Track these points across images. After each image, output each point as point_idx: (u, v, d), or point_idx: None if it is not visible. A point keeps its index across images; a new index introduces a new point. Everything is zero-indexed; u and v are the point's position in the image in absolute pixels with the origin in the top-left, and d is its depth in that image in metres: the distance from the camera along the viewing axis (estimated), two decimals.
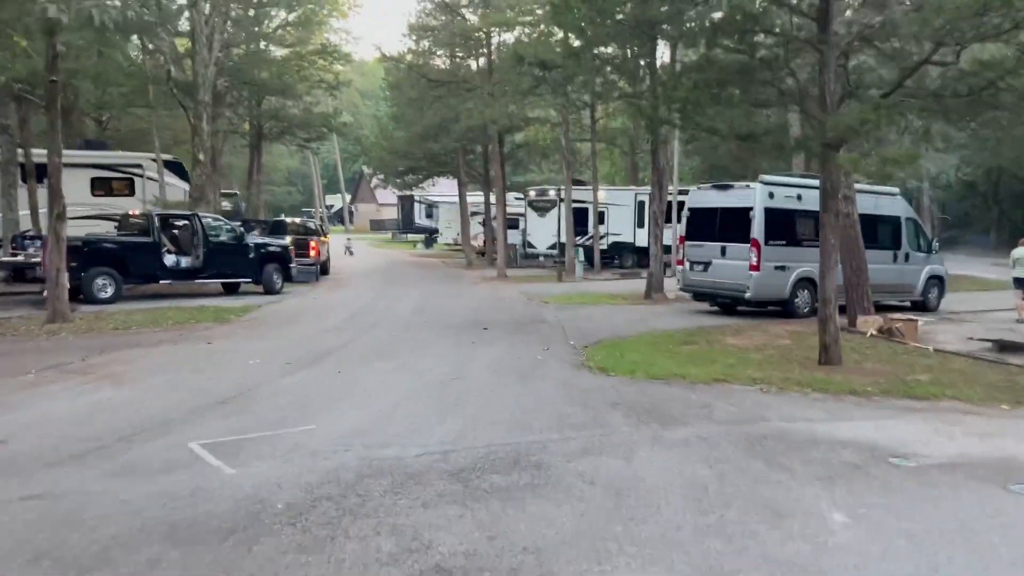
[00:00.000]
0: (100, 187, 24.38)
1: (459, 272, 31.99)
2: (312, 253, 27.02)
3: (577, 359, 11.42)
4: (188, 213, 21.18)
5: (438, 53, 34.07)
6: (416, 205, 51.98)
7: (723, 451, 6.75)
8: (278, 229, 29.03)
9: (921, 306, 18.45)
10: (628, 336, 13.89)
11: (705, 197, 17.86)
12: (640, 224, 34.91)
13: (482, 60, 31.22)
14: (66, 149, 16.22)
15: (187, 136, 26.51)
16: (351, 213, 68.65)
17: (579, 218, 31.38)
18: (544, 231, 34.10)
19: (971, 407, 8.61)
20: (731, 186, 17.44)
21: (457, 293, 22.83)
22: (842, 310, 16.33)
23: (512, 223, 39.20)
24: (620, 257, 34.54)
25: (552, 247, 33.71)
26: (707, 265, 17.45)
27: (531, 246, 35.12)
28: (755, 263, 16.48)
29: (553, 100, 28.99)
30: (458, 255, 39.05)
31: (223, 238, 21.36)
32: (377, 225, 63.86)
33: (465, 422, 7.63)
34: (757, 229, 16.47)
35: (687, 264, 18.03)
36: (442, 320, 15.86)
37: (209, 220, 21.32)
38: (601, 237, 32.57)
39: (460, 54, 33.35)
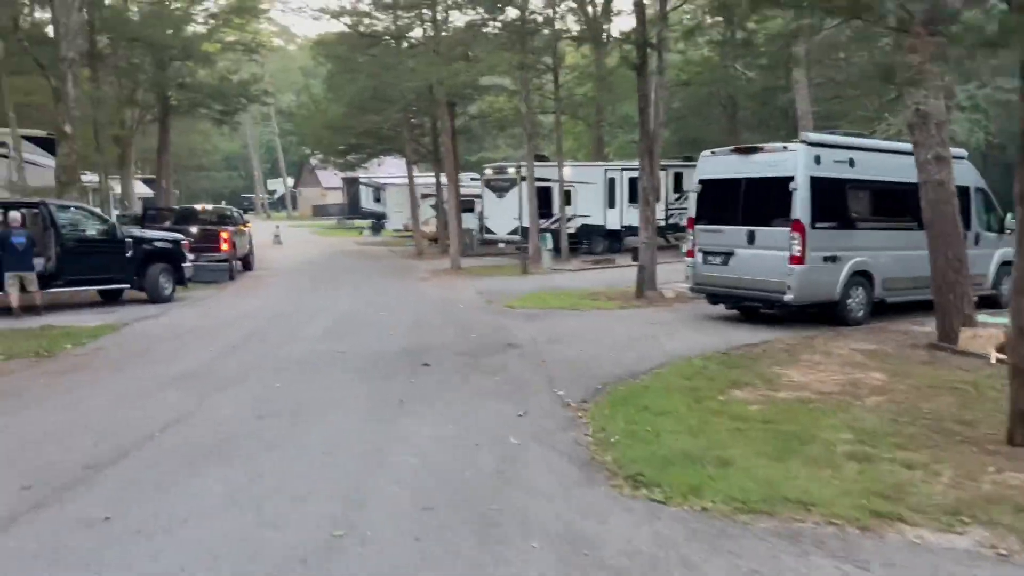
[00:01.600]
0: None
1: (407, 264, 26.72)
2: (223, 247, 21.56)
3: (579, 440, 6.31)
4: (35, 201, 15.61)
5: (378, 16, 28.57)
6: (362, 188, 46.34)
7: None
8: (185, 218, 23.49)
9: (993, 301, 13.73)
10: (642, 372, 8.86)
11: (723, 165, 12.86)
12: (611, 204, 29.97)
13: (426, 16, 25.80)
14: None
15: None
16: (294, 198, 62.60)
17: (543, 199, 26.32)
18: (503, 214, 28.94)
19: None
20: (759, 149, 12.46)
21: (399, 295, 17.61)
22: (915, 308, 11.95)
23: (467, 206, 33.99)
24: (590, 242, 29.54)
25: (513, 232, 28.60)
26: (727, 256, 12.52)
27: (489, 231, 29.94)
28: (799, 253, 11.58)
29: (510, 61, 23.81)
30: (408, 242, 33.69)
31: (88, 233, 15.87)
32: (321, 210, 57.79)
33: None
34: (801, 207, 11.57)
35: (698, 256, 13.09)
36: (364, 349, 10.60)
37: (69, 211, 15.80)
38: (568, 219, 27.57)
39: (404, 16, 27.95)
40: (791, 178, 11.63)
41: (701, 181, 13.10)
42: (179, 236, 17.62)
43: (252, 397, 7.90)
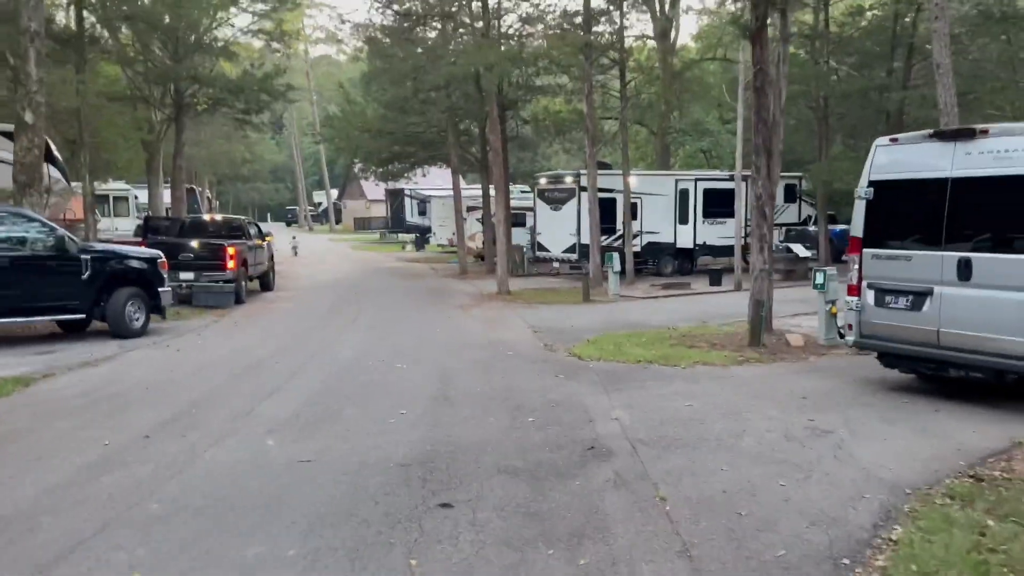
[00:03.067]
0: None
1: (448, 285, 22.40)
2: (229, 264, 17.53)
3: None
4: None
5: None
6: (407, 200, 42.32)
7: None
8: (191, 230, 19.55)
9: None
10: (865, 541, 4.35)
11: (913, 157, 8.12)
12: (683, 219, 25.31)
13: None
14: None
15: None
16: (338, 211, 58.96)
17: (604, 212, 21.82)
18: (559, 229, 24.43)
19: None
20: (976, 132, 7.76)
21: (429, 332, 13.20)
22: None
23: (518, 220, 29.66)
24: (657, 262, 24.89)
25: (569, 249, 24.08)
26: (922, 297, 7.82)
27: (542, 248, 25.47)
28: None
29: (574, 43, 19.45)
30: (453, 258, 29.43)
31: (29, 249, 11.88)
32: (362, 224, 53.82)
33: None
34: None
35: (867, 294, 8.43)
36: (346, 455, 5.94)
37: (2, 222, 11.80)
38: (633, 236, 23.03)
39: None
40: None
41: (874, 184, 8.41)
42: (156, 253, 13.55)
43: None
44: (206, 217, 21.01)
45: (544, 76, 26.72)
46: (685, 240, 25.20)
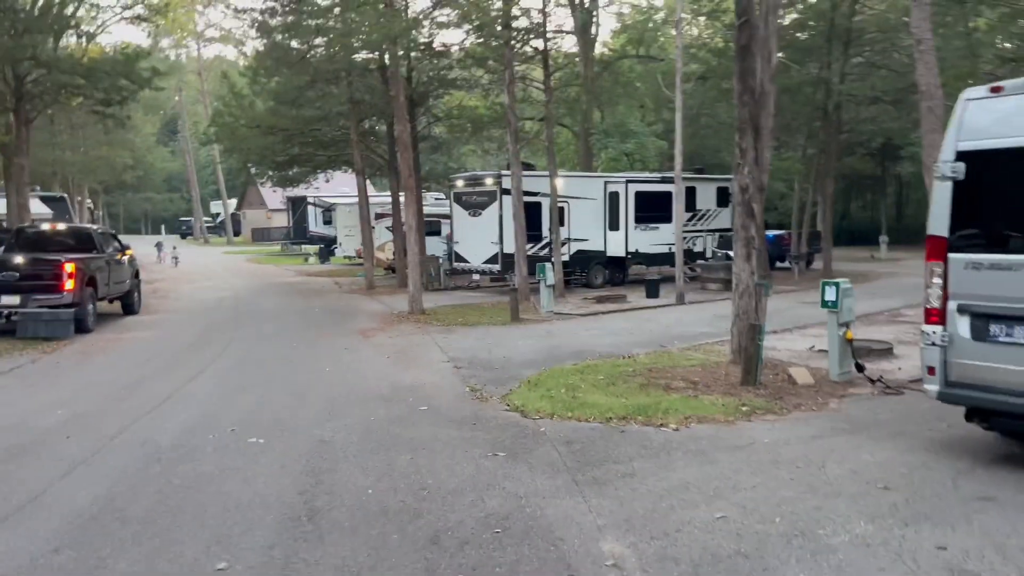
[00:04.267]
0: None
1: (352, 303, 18.78)
2: (67, 285, 13.50)
3: None
4: None
5: None
6: (310, 208, 38.11)
7: None
8: (25, 243, 15.33)
9: None
10: None
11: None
12: (613, 225, 22.51)
13: None
14: None
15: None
16: (237, 221, 53.83)
17: (529, 218, 18.69)
18: (479, 237, 21.18)
19: None
20: None
21: (314, 374, 9.64)
22: None
23: (433, 228, 26.29)
24: (587, 272, 21.97)
25: (491, 260, 20.86)
26: None
27: (460, 259, 22.15)
28: None
29: (487, 26, 16.32)
30: (361, 272, 25.74)
31: None
32: (261, 235, 48.88)
33: None
34: None
35: (957, 321, 5.54)
36: None
37: None
38: (561, 244, 20.06)
39: None
40: None
41: (965, 155, 5.50)
42: None
43: None
44: (46, 227, 16.78)
45: (459, 69, 23.61)
46: (616, 248, 22.39)
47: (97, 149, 35.03)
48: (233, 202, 53.89)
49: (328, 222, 36.99)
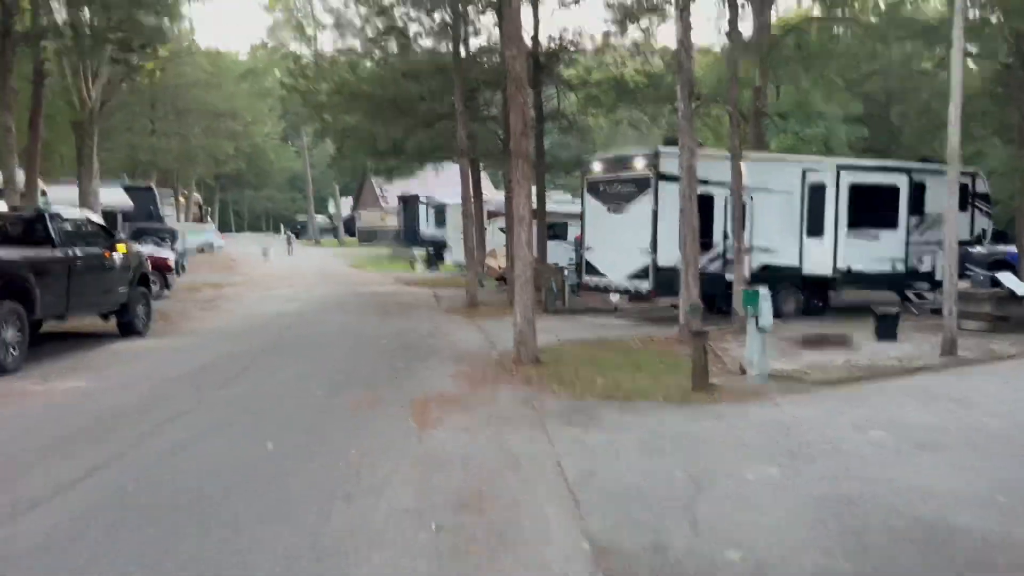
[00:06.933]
0: None
1: (442, 329, 12.69)
2: None
3: None
4: None
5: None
6: (421, 208, 32.73)
7: None
8: None
9: None
10: None
11: None
12: (814, 230, 15.23)
13: None
14: None
15: None
16: (352, 221, 49.55)
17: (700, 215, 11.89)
18: (622, 242, 14.48)
19: None
20: None
21: (313, 529, 3.51)
22: None
23: (557, 231, 19.93)
24: (774, 295, 14.73)
25: (639, 274, 14.16)
26: None
27: (593, 271, 15.53)
28: None
29: None
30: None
31: None
32: (367, 236, 43.96)
33: None
34: None
35: None
36: None
37: None
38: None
39: None
40: None
41: None
42: None
43: None
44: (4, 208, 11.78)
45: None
46: (818, 263, 15.08)
47: (199, 139, 31.13)
48: (348, 201, 49.76)
49: (440, 223, 31.41)
